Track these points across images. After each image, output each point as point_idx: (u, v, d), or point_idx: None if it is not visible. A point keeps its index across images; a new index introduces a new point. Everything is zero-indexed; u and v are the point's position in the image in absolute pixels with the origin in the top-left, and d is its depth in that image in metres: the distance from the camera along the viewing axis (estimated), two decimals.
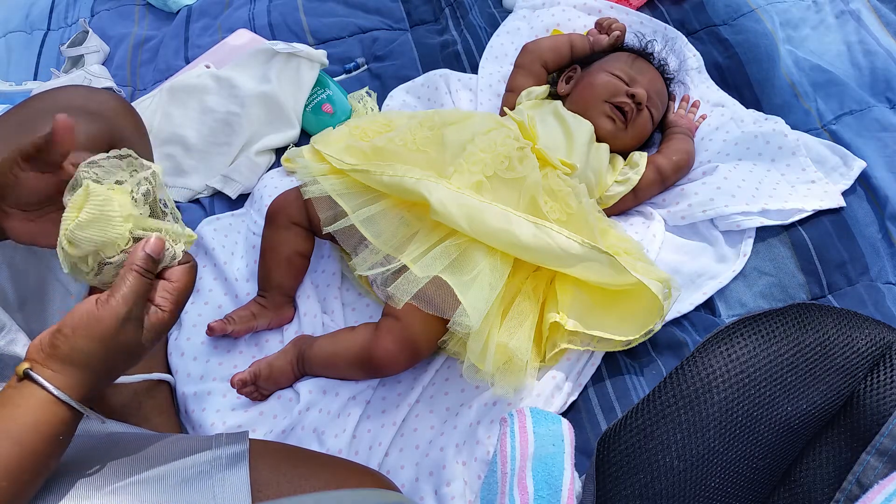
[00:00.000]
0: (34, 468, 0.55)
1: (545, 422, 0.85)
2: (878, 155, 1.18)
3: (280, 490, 0.66)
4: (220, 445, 0.65)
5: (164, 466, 0.62)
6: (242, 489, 0.62)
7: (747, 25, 1.36)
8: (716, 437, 0.68)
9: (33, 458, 0.55)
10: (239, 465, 0.64)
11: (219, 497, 0.61)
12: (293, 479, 0.67)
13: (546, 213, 0.98)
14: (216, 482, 0.62)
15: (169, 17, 1.66)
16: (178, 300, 0.61)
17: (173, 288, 0.60)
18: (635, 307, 0.96)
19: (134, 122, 0.93)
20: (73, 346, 0.56)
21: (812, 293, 1.07)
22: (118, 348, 0.57)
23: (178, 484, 0.61)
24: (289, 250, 1.08)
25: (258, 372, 1.00)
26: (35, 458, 0.55)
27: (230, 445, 0.66)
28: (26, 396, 0.55)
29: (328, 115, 1.32)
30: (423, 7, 1.56)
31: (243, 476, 0.63)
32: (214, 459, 0.64)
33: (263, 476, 0.67)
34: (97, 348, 0.57)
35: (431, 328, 0.95)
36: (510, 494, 0.78)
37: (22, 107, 0.84)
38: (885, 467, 0.67)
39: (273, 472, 0.68)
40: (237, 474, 0.63)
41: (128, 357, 0.59)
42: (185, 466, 0.63)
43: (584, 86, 1.19)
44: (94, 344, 0.56)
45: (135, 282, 0.58)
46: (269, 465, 0.69)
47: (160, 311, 0.59)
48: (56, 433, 0.56)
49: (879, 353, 0.72)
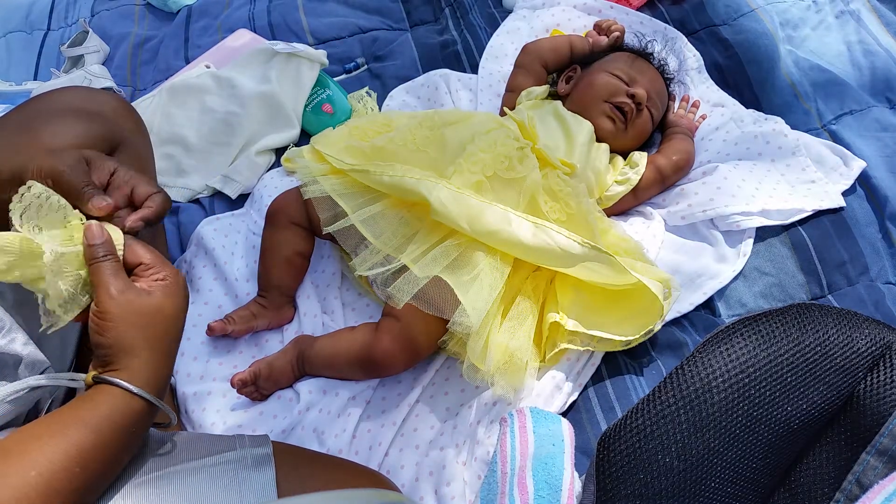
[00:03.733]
0: (106, 458, 0.57)
1: (545, 422, 0.86)
2: (878, 155, 1.18)
3: (281, 490, 0.66)
4: (243, 446, 0.66)
5: (189, 463, 0.63)
6: (269, 489, 0.63)
7: (747, 25, 1.36)
8: (716, 437, 0.68)
9: (107, 449, 0.57)
10: (265, 467, 0.65)
11: (245, 495, 0.62)
12: (294, 480, 0.67)
13: (546, 213, 0.98)
14: (242, 480, 0.63)
15: (169, 17, 1.66)
16: (147, 249, 0.63)
17: (138, 245, 0.63)
18: (635, 307, 0.96)
19: (134, 122, 0.93)
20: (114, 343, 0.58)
21: (812, 293, 1.07)
22: (146, 322, 0.60)
23: (204, 479, 0.62)
24: (289, 250, 1.08)
25: (258, 372, 1.00)
26: (109, 448, 0.57)
27: (254, 447, 0.67)
28: (101, 393, 0.58)
29: (328, 115, 1.32)
30: (423, 7, 1.56)
31: (269, 476, 0.64)
32: (240, 459, 0.65)
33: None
34: (131, 332, 0.59)
35: (431, 328, 0.95)
36: (510, 494, 0.78)
37: (23, 108, 0.84)
38: (885, 467, 0.67)
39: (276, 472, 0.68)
40: (263, 475, 0.64)
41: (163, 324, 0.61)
42: (210, 463, 0.63)
43: (584, 86, 1.19)
44: (129, 330, 0.59)
45: (104, 270, 0.60)
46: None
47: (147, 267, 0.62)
48: (129, 424, 0.58)
49: (879, 353, 0.72)
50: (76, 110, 0.83)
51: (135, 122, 0.93)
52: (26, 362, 0.66)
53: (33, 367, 0.67)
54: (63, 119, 0.80)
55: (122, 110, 0.91)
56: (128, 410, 0.58)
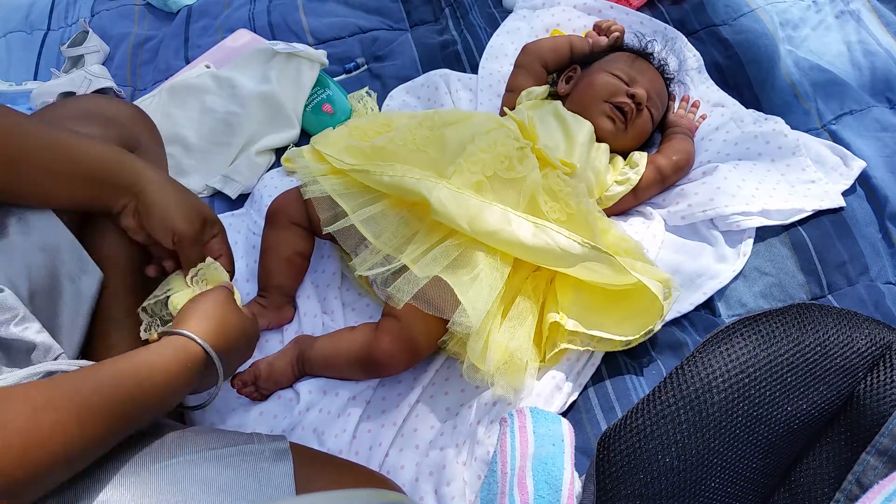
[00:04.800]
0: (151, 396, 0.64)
1: (545, 422, 0.85)
2: (878, 155, 1.18)
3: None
4: (262, 442, 0.69)
5: (209, 451, 0.65)
6: (287, 481, 0.65)
7: (747, 25, 1.36)
8: (716, 437, 0.68)
9: (159, 387, 0.65)
10: (284, 460, 0.67)
11: (263, 485, 0.64)
12: (299, 479, 0.68)
13: (546, 213, 0.98)
14: (261, 471, 0.65)
15: (169, 17, 1.66)
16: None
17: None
18: (635, 307, 0.96)
19: (149, 129, 0.97)
20: (191, 314, 0.74)
21: (812, 293, 1.07)
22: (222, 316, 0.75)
23: (224, 466, 0.64)
24: (289, 250, 1.08)
25: (258, 372, 1.00)
26: (163, 386, 0.65)
27: (272, 443, 0.70)
28: (165, 341, 0.69)
29: (328, 115, 1.32)
30: (423, 7, 1.56)
31: (288, 469, 0.67)
32: (259, 452, 0.67)
33: None
34: (209, 307, 0.76)
35: (431, 328, 0.95)
36: (510, 494, 0.78)
37: (44, 112, 0.89)
38: (885, 467, 0.67)
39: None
40: (282, 467, 0.67)
41: (235, 334, 0.76)
42: (230, 453, 0.66)
43: (584, 86, 1.19)
44: (205, 305, 0.76)
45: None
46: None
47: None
48: (184, 364, 0.67)
49: (879, 352, 0.72)
50: (95, 115, 0.88)
51: (149, 129, 0.97)
52: (40, 349, 0.69)
53: (46, 354, 0.70)
54: (82, 123, 0.85)
55: (137, 117, 0.95)
56: (183, 354, 0.68)
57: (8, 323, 0.67)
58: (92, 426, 0.57)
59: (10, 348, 0.68)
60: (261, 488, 0.63)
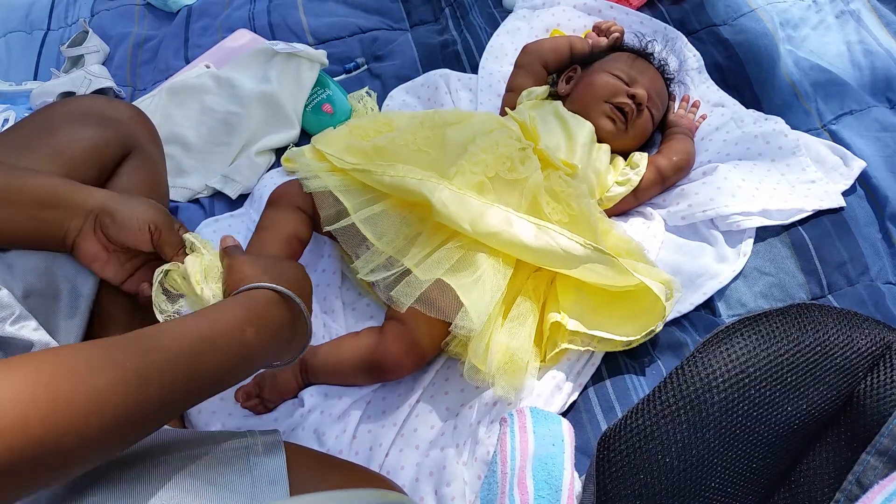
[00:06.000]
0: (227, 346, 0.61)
1: (545, 422, 0.85)
2: (878, 155, 1.18)
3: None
4: (254, 436, 0.69)
5: (202, 448, 0.64)
6: (280, 473, 0.65)
7: (747, 25, 1.36)
8: (716, 437, 0.68)
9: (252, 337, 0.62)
10: (276, 453, 0.66)
11: (257, 479, 0.63)
12: (295, 481, 0.68)
13: (548, 215, 0.98)
14: (254, 465, 0.64)
15: (169, 17, 1.66)
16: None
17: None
18: (636, 308, 0.95)
19: (148, 130, 0.97)
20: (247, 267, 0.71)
21: (812, 293, 1.07)
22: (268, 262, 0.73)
23: (216, 463, 0.63)
24: (289, 230, 1.02)
25: (262, 383, 0.99)
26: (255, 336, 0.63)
27: (264, 436, 0.69)
28: (232, 299, 0.67)
29: (328, 115, 1.32)
30: (423, 7, 1.56)
31: (280, 462, 0.66)
32: (249, 447, 0.67)
33: None
34: (256, 260, 0.72)
35: (435, 331, 0.95)
36: (510, 494, 0.78)
37: (45, 110, 0.89)
38: (885, 467, 0.67)
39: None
40: (274, 460, 0.66)
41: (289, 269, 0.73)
42: (222, 449, 0.65)
43: (585, 86, 1.19)
44: (250, 259, 0.72)
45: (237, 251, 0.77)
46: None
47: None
48: (260, 315, 0.64)
49: (879, 352, 0.72)
50: (94, 115, 0.88)
51: (149, 131, 0.97)
52: (37, 347, 0.69)
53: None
54: (81, 123, 0.86)
55: (137, 119, 0.95)
56: (259, 303, 0.66)
57: (4, 321, 0.67)
58: (158, 387, 0.53)
59: (7, 347, 0.68)
60: (255, 483, 0.63)
